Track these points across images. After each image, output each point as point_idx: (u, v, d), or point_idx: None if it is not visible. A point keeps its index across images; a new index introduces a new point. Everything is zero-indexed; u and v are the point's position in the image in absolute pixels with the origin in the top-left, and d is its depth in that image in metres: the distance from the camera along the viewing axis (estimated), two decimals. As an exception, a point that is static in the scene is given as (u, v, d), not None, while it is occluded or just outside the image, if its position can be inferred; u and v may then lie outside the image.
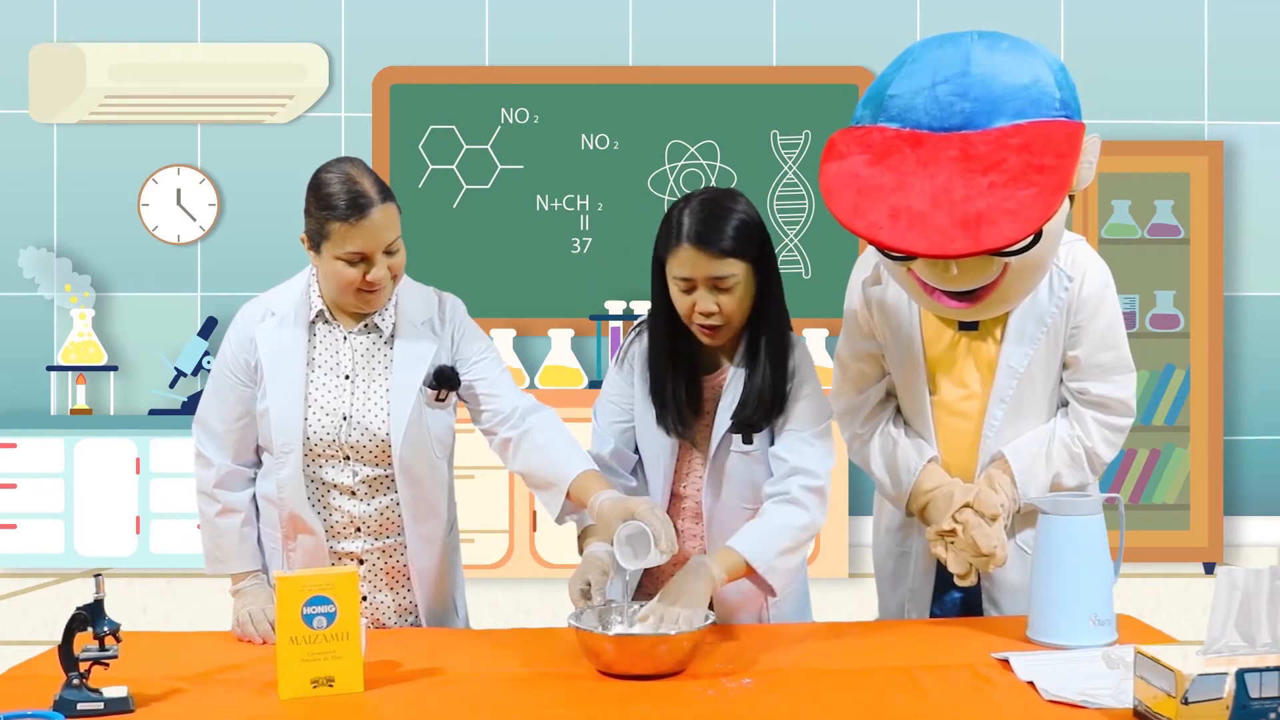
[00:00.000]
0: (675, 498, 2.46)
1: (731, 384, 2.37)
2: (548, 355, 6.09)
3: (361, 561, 2.44)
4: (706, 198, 2.31)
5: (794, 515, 2.30)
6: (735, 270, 2.27)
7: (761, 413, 2.35)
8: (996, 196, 2.08)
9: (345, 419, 2.39)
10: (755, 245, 2.30)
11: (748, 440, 2.37)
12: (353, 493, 2.41)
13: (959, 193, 2.10)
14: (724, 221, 2.27)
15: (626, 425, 2.47)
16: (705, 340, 2.35)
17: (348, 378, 2.41)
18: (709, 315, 2.29)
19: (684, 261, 2.27)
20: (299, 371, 2.39)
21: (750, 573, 2.25)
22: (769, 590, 2.30)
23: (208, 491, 2.44)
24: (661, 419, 2.41)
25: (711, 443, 2.39)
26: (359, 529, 2.43)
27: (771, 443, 2.39)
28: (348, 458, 2.40)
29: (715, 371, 2.43)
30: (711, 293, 2.28)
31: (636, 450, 2.49)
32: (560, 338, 6.06)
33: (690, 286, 2.29)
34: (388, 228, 2.32)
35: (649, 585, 2.47)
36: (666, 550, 2.13)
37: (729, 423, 2.36)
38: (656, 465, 2.44)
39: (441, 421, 2.47)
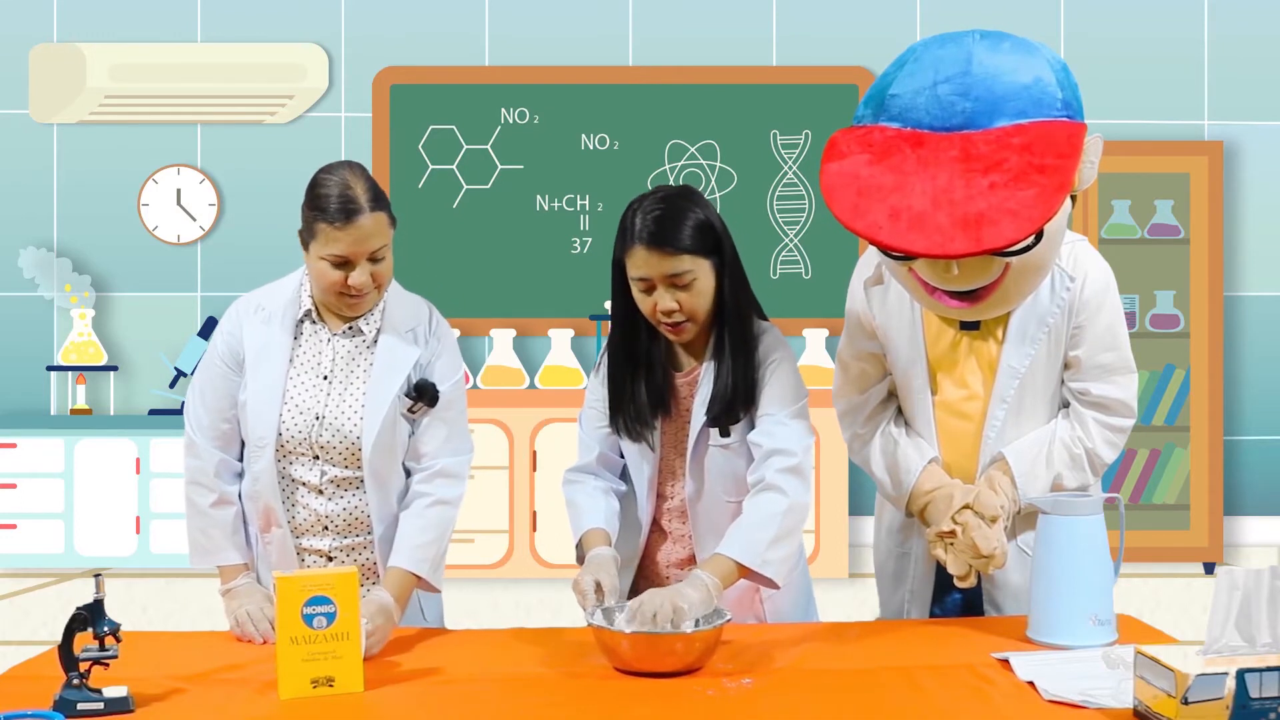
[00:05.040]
0: (660, 498, 2.47)
1: (704, 380, 2.39)
2: (548, 355, 6.09)
3: (330, 559, 2.46)
4: (659, 197, 2.34)
5: (774, 502, 2.29)
6: (690, 267, 2.30)
7: (736, 405, 2.36)
8: (997, 197, 2.08)
9: (318, 419, 2.41)
10: (709, 240, 2.33)
11: (725, 434, 2.38)
12: (319, 491, 2.43)
13: (959, 193, 2.09)
14: (675, 220, 2.30)
15: (610, 430, 2.49)
16: (672, 337, 2.38)
17: (325, 378, 2.43)
18: (670, 313, 2.31)
19: (639, 262, 2.31)
20: (279, 367, 2.42)
21: (746, 572, 2.25)
22: (770, 584, 2.30)
23: (201, 481, 2.45)
24: (614, 420, 2.45)
25: (690, 439, 2.41)
26: (326, 527, 2.44)
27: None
28: (316, 457, 2.42)
29: (687, 369, 2.45)
30: (670, 290, 2.30)
31: (622, 454, 2.52)
32: (560, 338, 6.06)
33: (649, 286, 2.32)
34: (374, 235, 2.34)
35: (642, 586, 2.48)
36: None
37: (704, 418, 2.38)
38: (640, 469, 2.47)
39: (404, 432, 2.46)
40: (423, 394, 2.44)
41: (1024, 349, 2.37)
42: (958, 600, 2.53)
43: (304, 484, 2.43)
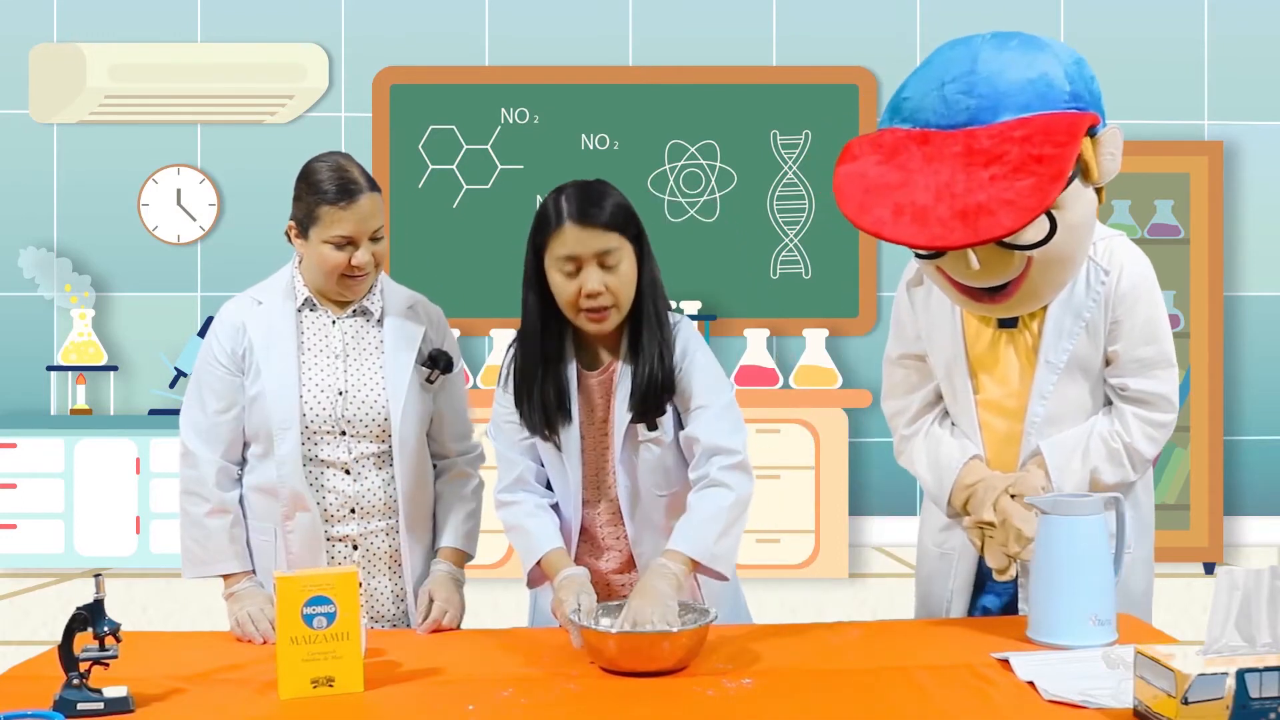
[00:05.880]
0: (587, 504, 2.44)
1: (622, 377, 2.36)
2: (548, 355, 6.08)
3: (356, 546, 2.47)
4: (580, 183, 2.33)
5: (720, 497, 2.30)
6: (617, 245, 2.28)
7: (661, 396, 2.34)
8: (996, 188, 2.09)
9: (341, 394, 2.44)
10: (631, 223, 2.31)
11: (652, 427, 2.37)
12: (347, 470, 2.44)
13: (960, 186, 2.11)
14: (600, 199, 2.29)
15: (529, 440, 2.43)
16: (593, 327, 2.32)
17: (339, 357, 2.47)
18: (596, 295, 2.27)
19: (569, 240, 2.26)
20: (291, 353, 2.44)
21: (697, 566, 2.27)
22: (719, 577, 2.32)
23: (198, 491, 2.45)
24: (525, 415, 2.37)
25: (616, 439, 2.38)
26: (353, 510, 2.45)
27: (680, 424, 2.39)
28: (344, 433, 2.44)
29: (600, 367, 2.41)
30: (598, 271, 2.27)
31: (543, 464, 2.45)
32: (560, 338, 6.06)
33: (576, 267, 2.27)
34: (373, 215, 2.41)
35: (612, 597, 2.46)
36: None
37: (628, 415, 2.36)
38: (563, 478, 2.42)
39: (427, 404, 2.53)
40: (437, 362, 2.51)
41: (1061, 343, 2.37)
42: (998, 603, 2.53)
43: (331, 464, 2.44)
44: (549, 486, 2.46)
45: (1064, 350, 2.37)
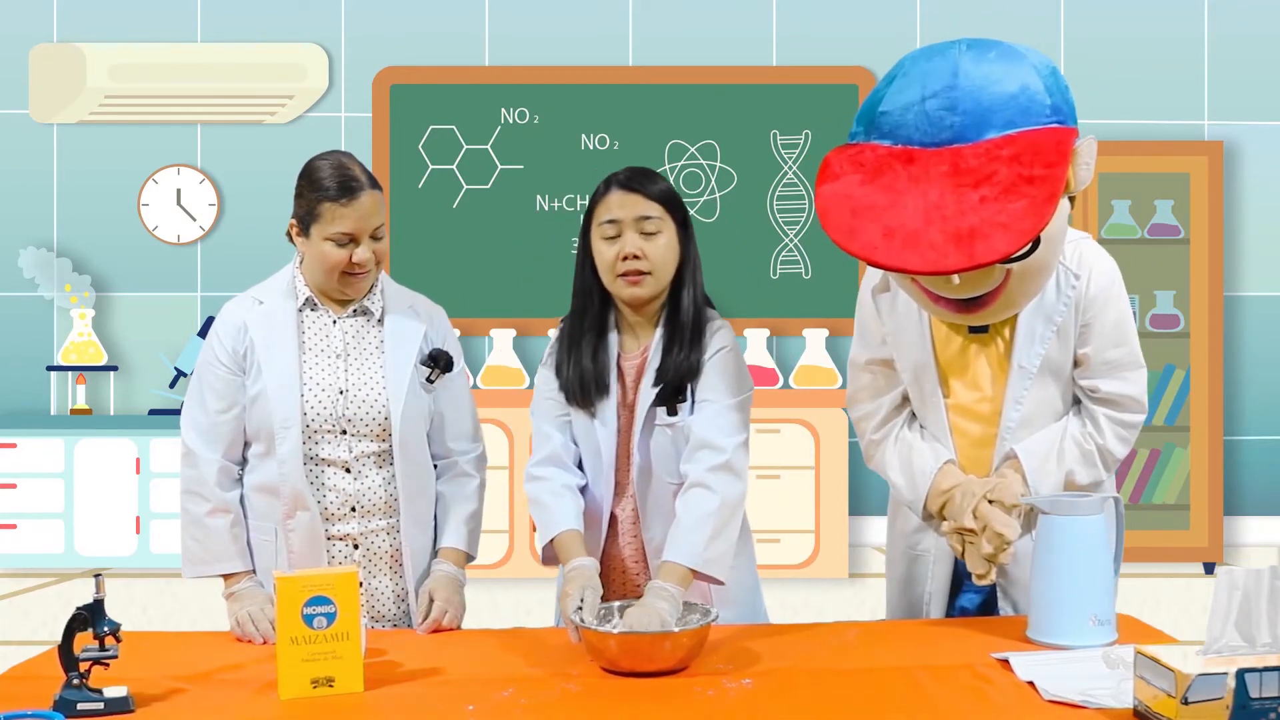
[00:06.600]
0: (619, 486, 2.47)
1: (653, 357, 2.41)
2: (548, 355, 6.09)
3: (356, 546, 2.47)
4: (635, 166, 2.46)
5: (705, 501, 2.32)
6: (659, 215, 2.38)
7: (681, 380, 2.38)
8: (988, 210, 2.08)
9: (342, 393, 2.45)
10: (679, 208, 2.43)
11: (672, 412, 2.40)
12: (348, 469, 2.45)
13: (950, 208, 2.10)
14: (653, 177, 2.43)
15: (566, 417, 2.49)
16: (628, 291, 2.39)
17: (339, 356, 2.47)
18: (633, 258, 2.35)
19: (613, 204, 2.38)
20: (292, 352, 2.45)
21: (693, 574, 2.29)
22: (715, 581, 2.34)
23: (199, 491, 2.45)
24: (565, 382, 2.45)
25: (637, 421, 2.41)
26: (354, 508, 2.45)
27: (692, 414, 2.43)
28: (344, 432, 2.44)
29: (633, 352, 2.46)
30: (636, 235, 2.36)
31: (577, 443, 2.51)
32: (560, 338, 6.06)
33: (618, 230, 2.37)
34: (374, 212, 2.43)
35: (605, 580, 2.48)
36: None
37: (652, 394, 2.39)
38: (597, 457, 2.45)
39: (427, 403, 2.54)
40: (438, 361, 2.53)
41: (1034, 349, 2.38)
42: (976, 601, 2.53)
43: (332, 463, 2.45)
44: (581, 468, 2.49)
45: (1036, 355, 2.38)
